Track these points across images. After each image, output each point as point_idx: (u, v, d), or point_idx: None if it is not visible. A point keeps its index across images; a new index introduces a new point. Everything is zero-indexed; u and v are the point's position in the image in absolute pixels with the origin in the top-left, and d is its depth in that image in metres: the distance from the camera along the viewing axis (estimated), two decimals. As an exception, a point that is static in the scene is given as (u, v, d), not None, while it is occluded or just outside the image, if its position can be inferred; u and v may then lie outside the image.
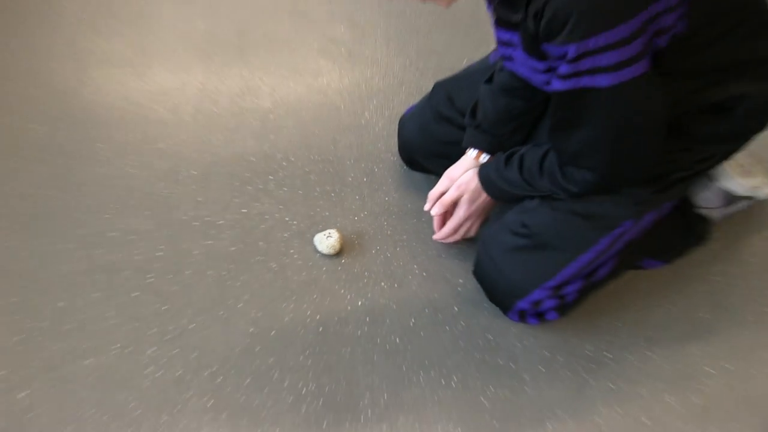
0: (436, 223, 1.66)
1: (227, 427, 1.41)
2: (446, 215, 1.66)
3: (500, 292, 1.56)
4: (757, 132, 1.46)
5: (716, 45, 1.28)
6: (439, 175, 1.72)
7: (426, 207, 1.63)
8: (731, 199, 1.68)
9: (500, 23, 1.38)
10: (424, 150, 1.73)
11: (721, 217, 1.72)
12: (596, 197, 1.45)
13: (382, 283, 1.64)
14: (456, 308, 1.61)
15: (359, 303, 1.61)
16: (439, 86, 1.74)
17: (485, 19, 2.14)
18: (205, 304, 1.58)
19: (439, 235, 1.66)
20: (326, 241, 1.67)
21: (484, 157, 1.58)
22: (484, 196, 1.56)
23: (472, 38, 2.15)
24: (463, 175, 1.58)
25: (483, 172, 1.54)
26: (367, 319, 1.58)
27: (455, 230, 1.63)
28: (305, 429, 1.43)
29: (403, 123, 1.79)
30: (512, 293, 1.52)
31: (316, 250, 1.69)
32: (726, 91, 1.38)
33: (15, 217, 1.69)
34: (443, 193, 1.61)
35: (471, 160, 1.58)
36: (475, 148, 1.57)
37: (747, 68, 1.37)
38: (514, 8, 1.26)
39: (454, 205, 1.62)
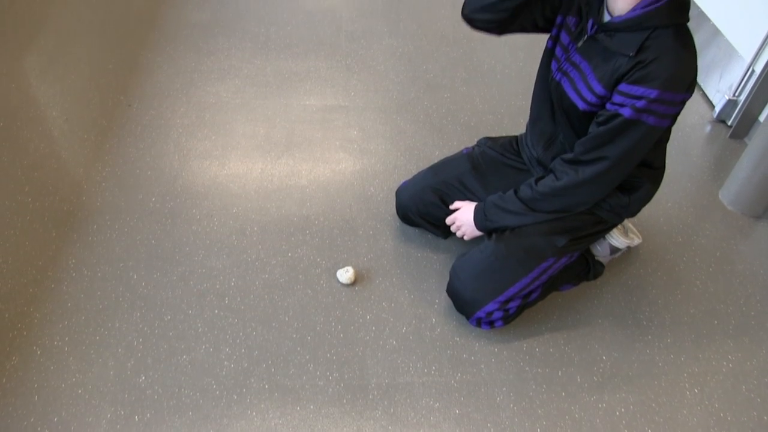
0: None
1: (278, 402, 1.41)
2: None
3: (465, 304, 1.55)
4: (633, 215, 1.54)
5: (654, 145, 1.37)
6: (425, 228, 1.77)
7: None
8: (614, 250, 1.71)
9: (581, 51, 1.37)
10: (416, 210, 1.72)
11: (608, 261, 1.75)
12: (536, 237, 1.48)
13: (383, 303, 1.64)
14: (434, 319, 1.61)
15: (368, 317, 1.61)
16: (429, 168, 1.75)
17: (448, 127, 2.22)
18: (263, 318, 1.58)
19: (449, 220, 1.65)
20: (345, 274, 1.67)
21: None
22: (471, 222, 1.57)
23: (441, 138, 2.17)
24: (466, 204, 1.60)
25: (476, 206, 1.56)
26: (373, 328, 1.58)
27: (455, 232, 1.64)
28: (331, 403, 1.43)
29: (399, 192, 1.79)
30: (473, 305, 1.53)
31: (338, 281, 1.68)
32: (635, 178, 1.46)
33: (137, 257, 1.69)
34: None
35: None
36: None
37: (648, 168, 1.46)
38: (625, 47, 1.27)
39: None
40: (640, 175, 1.44)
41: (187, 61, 2.45)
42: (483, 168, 1.66)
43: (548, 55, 1.48)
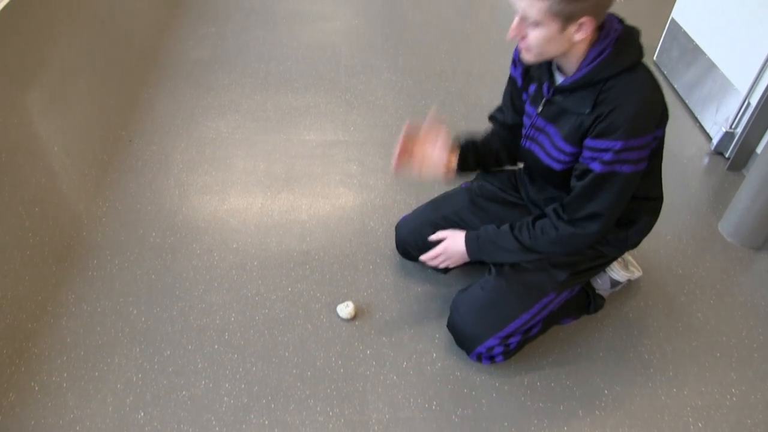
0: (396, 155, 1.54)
1: (278, 437, 1.44)
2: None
3: (465, 340, 1.58)
4: (634, 247, 1.58)
5: (643, 178, 1.38)
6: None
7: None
8: (615, 283, 1.75)
9: (543, 115, 1.41)
10: (416, 245, 1.74)
11: (609, 294, 1.79)
12: (537, 273, 1.51)
13: (383, 338, 1.67)
14: (434, 354, 1.63)
15: (368, 352, 1.63)
16: (429, 203, 1.80)
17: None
18: (262, 353, 1.61)
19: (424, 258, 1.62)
20: (345, 309, 1.70)
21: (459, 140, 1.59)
22: (461, 247, 1.55)
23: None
24: (457, 232, 1.57)
25: (469, 234, 1.54)
26: (374, 363, 1.61)
27: (437, 265, 1.63)
28: (332, 439, 1.45)
29: (399, 227, 1.83)
30: (474, 340, 1.56)
31: (338, 316, 1.71)
32: (631, 213, 1.48)
33: (137, 292, 1.73)
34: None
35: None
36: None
37: (645, 201, 1.50)
38: (581, 105, 1.31)
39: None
40: (636, 208, 1.49)
41: (187, 97, 2.53)
42: (482, 202, 1.71)
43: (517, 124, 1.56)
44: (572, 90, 1.32)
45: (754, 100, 2.24)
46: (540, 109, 1.42)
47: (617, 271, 1.71)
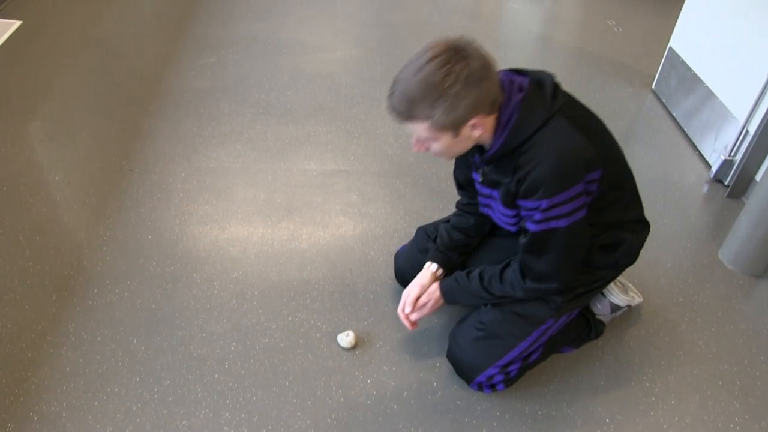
0: (404, 317, 1.63)
1: (278, 467, 1.46)
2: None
3: (465, 369, 1.61)
4: (630, 264, 1.61)
5: (608, 209, 1.42)
6: None
7: (401, 307, 1.63)
8: (615, 308, 1.79)
9: (484, 183, 1.46)
10: (413, 274, 1.74)
11: (609, 320, 1.82)
12: (532, 302, 1.53)
13: (384, 367, 1.69)
14: (435, 383, 1.66)
15: (368, 381, 1.66)
16: (420, 229, 1.84)
17: (447, 191, 2.33)
18: (263, 383, 1.63)
19: (414, 317, 1.63)
20: (345, 338, 1.73)
21: (438, 269, 1.65)
22: (441, 301, 1.62)
23: (440, 202, 2.28)
24: (431, 286, 1.62)
25: (444, 285, 1.61)
26: (374, 392, 1.63)
27: (419, 319, 1.65)
28: (332, 470, 1.47)
29: (397, 257, 1.88)
30: (473, 370, 1.59)
31: (338, 345, 1.74)
32: (613, 237, 1.51)
33: (137, 322, 1.76)
34: (417, 296, 1.62)
35: (430, 272, 1.65)
36: (434, 262, 1.65)
37: (624, 224, 1.53)
38: (504, 174, 1.36)
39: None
40: (616, 232, 1.52)
41: (188, 127, 2.60)
42: None
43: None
44: (497, 160, 1.37)
45: (753, 128, 2.30)
46: (481, 179, 1.48)
47: (617, 295, 1.75)
